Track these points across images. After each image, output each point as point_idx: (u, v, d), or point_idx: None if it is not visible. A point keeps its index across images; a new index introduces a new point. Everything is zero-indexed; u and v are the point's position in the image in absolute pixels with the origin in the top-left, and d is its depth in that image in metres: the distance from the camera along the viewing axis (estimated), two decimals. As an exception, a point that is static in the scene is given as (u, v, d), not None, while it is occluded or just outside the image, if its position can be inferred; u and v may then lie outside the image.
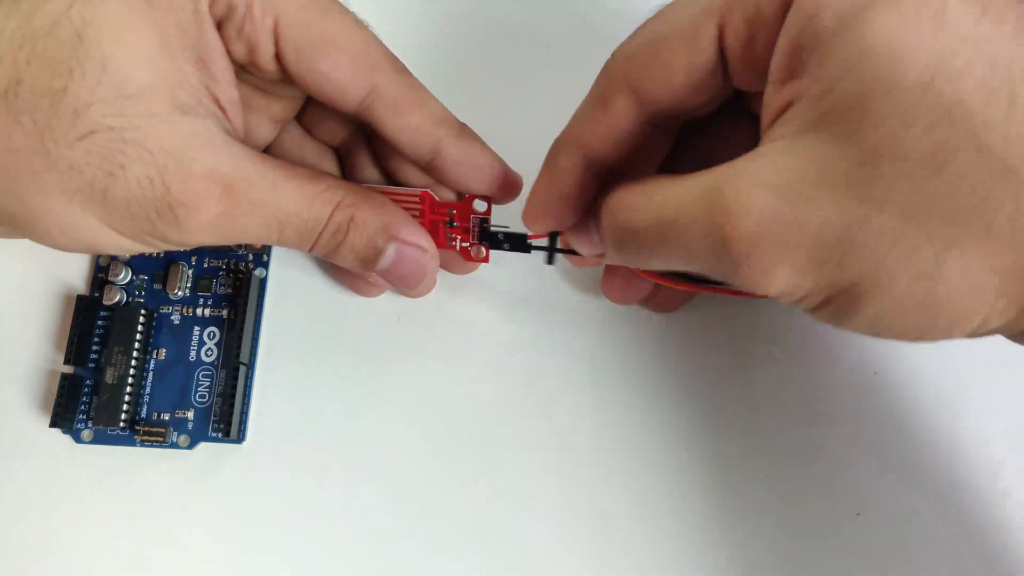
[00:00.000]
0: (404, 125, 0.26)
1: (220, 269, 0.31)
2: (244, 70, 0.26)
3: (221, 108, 0.25)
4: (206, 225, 0.24)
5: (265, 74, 0.26)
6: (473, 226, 0.28)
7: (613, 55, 0.23)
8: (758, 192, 0.19)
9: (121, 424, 0.29)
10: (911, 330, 0.20)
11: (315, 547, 0.28)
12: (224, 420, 0.29)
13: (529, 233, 0.28)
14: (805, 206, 0.18)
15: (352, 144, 0.30)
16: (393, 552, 0.28)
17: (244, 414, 0.30)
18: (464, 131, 0.27)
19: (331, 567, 0.28)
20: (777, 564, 0.28)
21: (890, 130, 0.18)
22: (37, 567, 0.28)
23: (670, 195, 0.21)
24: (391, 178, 0.29)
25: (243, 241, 0.25)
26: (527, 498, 0.29)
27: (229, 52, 0.25)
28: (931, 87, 0.17)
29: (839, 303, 0.20)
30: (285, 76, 0.26)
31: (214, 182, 0.23)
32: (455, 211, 0.28)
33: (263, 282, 0.31)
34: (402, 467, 0.29)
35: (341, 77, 0.25)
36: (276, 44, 0.25)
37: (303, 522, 0.29)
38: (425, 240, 0.27)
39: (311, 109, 0.30)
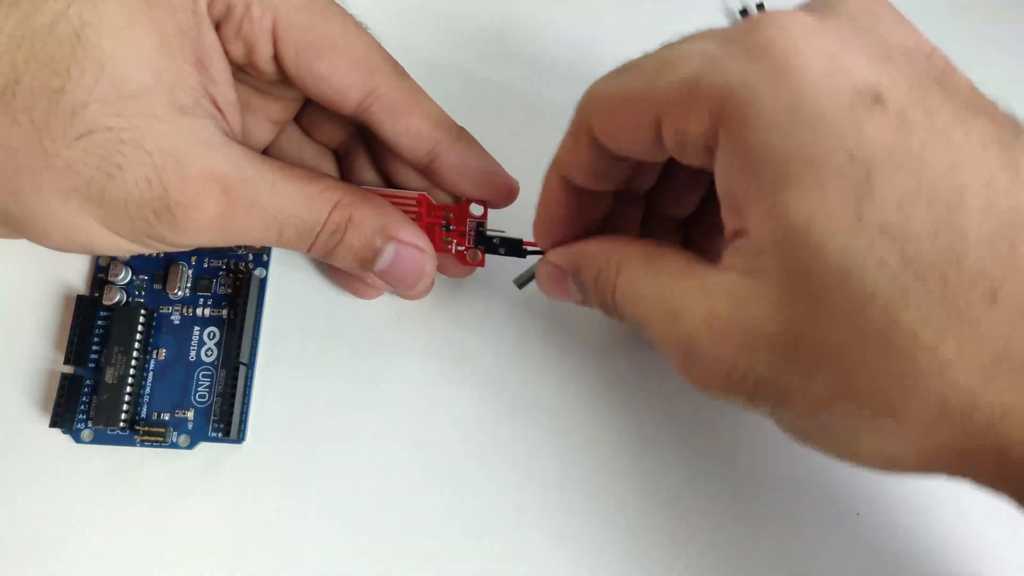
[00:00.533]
0: (402, 128, 0.26)
1: (220, 269, 0.31)
2: (242, 71, 0.26)
3: (219, 109, 0.24)
4: (204, 226, 0.24)
5: (263, 75, 0.26)
6: (469, 230, 0.28)
7: (584, 96, 0.23)
8: (713, 338, 0.20)
9: (121, 424, 0.29)
10: (836, 458, 0.21)
11: (315, 546, 0.28)
12: (224, 420, 0.29)
13: (524, 239, 0.28)
14: (744, 357, 0.19)
15: (351, 146, 0.30)
16: (393, 551, 0.28)
17: (244, 414, 0.30)
18: (462, 135, 0.27)
19: (331, 566, 0.28)
20: (777, 564, 0.28)
21: (812, 310, 0.18)
22: (37, 567, 0.28)
23: (645, 294, 0.22)
24: (389, 180, 0.29)
25: (241, 242, 0.25)
26: (526, 498, 0.29)
27: (227, 53, 0.25)
28: (843, 280, 0.17)
29: (775, 421, 0.21)
30: (283, 77, 0.26)
31: (212, 183, 0.23)
32: (452, 214, 0.28)
33: (263, 282, 0.31)
34: (401, 467, 0.29)
35: (339, 79, 0.25)
36: (274, 45, 0.25)
37: (303, 522, 0.29)
38: (423, 241, 0.27)
39: (310, 111, 0.30)
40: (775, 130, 0.17)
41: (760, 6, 0.36)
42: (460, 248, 0.29)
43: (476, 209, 0.28)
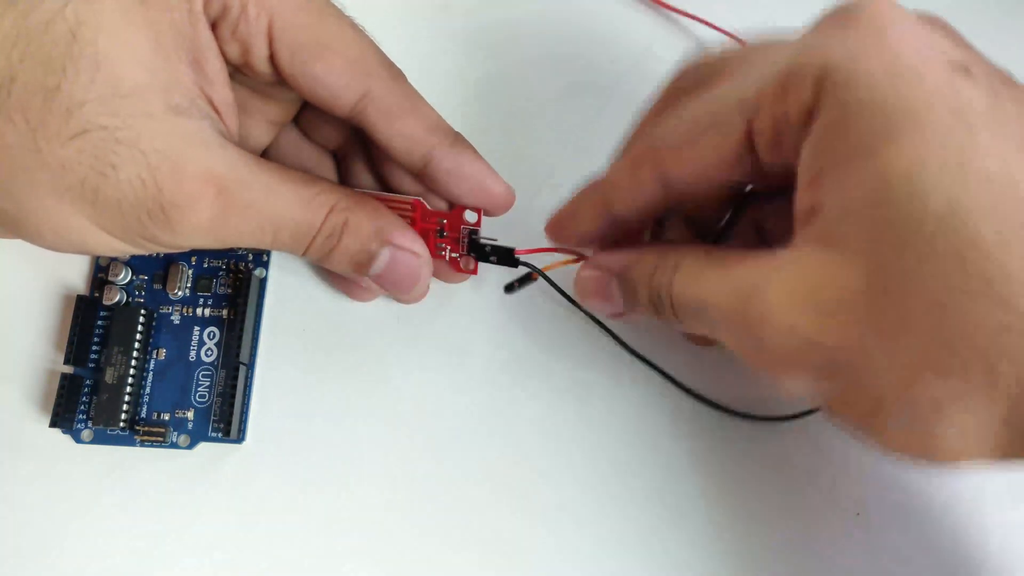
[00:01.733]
0: (397, 131, 0.26)
1: (220, 269, 0.31)
2: (239, 71, 0.26)
3: (215, 109, 0.24)
4: (198, 227, 0.24)
5: (259, 76, 0.26)
6: (462, 237, 0.28)
7: (655, 135, 0.24)
8: (787, 308, 0.20)
9: (121, 424, 0.29)
10: (904, 454, 0.20)
11: (315, 547, 0.29)
12: (224, 420, 0.29)
13: (516, 248, 0.28)
14: (824, 326, 0.19)
15: (349, 149, 0.30)
16: (392, 551, 0.28)
17: (244, 414, 0.30)
18: (458, 140, 0.27)
19: (331, 566, 0.28)
20: (777, 564, 0.28)
21: (906, 265, 0.18)
22: (37, 567, 0.28)
23: (709, 282, 0.22)
24: (385, 184, 0.29)
25: (236, 244, 0.25)
26: (524, 500, 0.29)
27: (223, 53, 0.25)
28: (947, 226, 0.17)
29: (842, 413, 0.21)
30: (279, 78, 0.25)
31: (207, 184, 0.23)
32: (446, 220, 0.28)
33: (263, 282, 0.31)
34: (401, 467, 0.29)
35: (334, 81, 0.25)
36: (270, 46, 0.24)
37: (303, 522, 0.29)
38: (419, 246, 0.27)
39: (308, 113, 0.29)
40: (877, 87, 0.18)
41: None
42: (453, 255, 0.29)
43: (470, 216, 0.28)
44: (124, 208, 0.23)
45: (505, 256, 0.28)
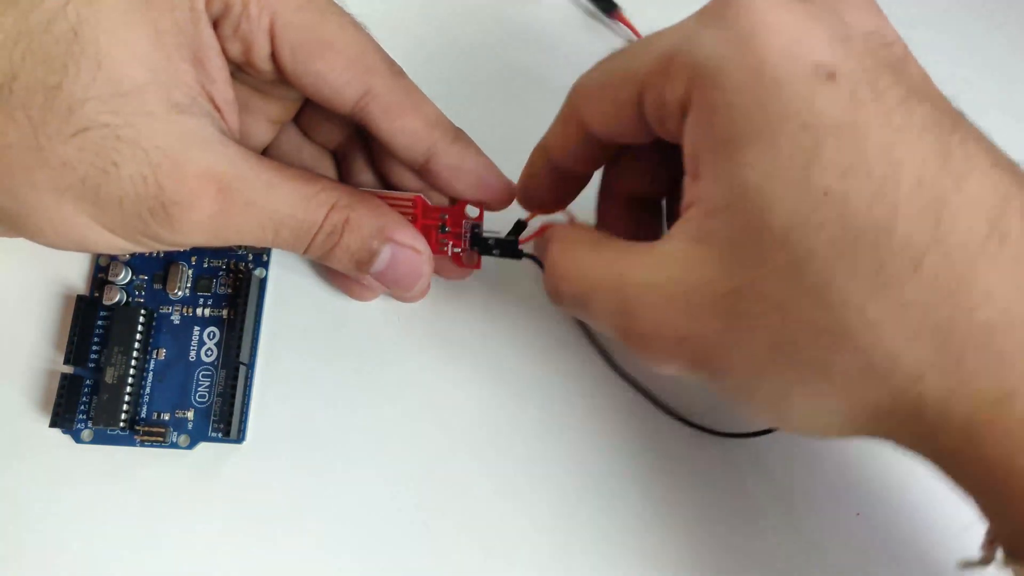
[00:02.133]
0: (398, 128, 0.26)
1: (220, 269, 0.31)
2: (240, 70, 0.26)
3: (216, 107, 0.24)
4: (199, 224, 0.24)
5: (261, 74, 0.26)
6: (465, 231, 0.28)
7: (574, 85, 0.24)
8: (657, 300, 0.21)
9: (121, 424, 0.29)
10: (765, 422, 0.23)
11: (315, 546, 0.29)
12: (224, 420, 0.29)
13: (519, 240, 0.28)
14: (691, 321, 0.20)
15: (349, 147, 0.30)
16: (393, 551, 0.28)
17: (244, 414, 0.30)
18: (459, 136, 0.27)
19: (331, 566, 0.28)
20: (777, 564, 0.28)
21: (755, 270, 0.19)
22: (37, 567, 0.28)
23: (586, 272, 0.23)
24: (386, 181, 0.29)
25: (237, 242, 0.25)
26: (525, 498, 0.29)
27: (225, 51, 0.25)
28: (787, 239, 0.18)
29: (716, 391, 0.22)
30: (281, 76, 0.26)
31: (208, 181, 0.23)
32: (447, 216, 0.28)
33: (263, 282, 0.31)
34: (401, 466, 0.29)
35: (336, 78, 0.25)
36: (272, 44, 0.24)
37: (303, 522, 0.29)
38: (420, 243, 0.27)
39: (308, 112, 0.29)
40: (737, 94, 0.19)
41: None
42: (456, 250, 0.29)
43: (472, 211, 0.28)
44: (125, 205, 0.23)
45: (508, 248, 0.28)
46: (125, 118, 0.22)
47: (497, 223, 0.28)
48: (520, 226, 0.28)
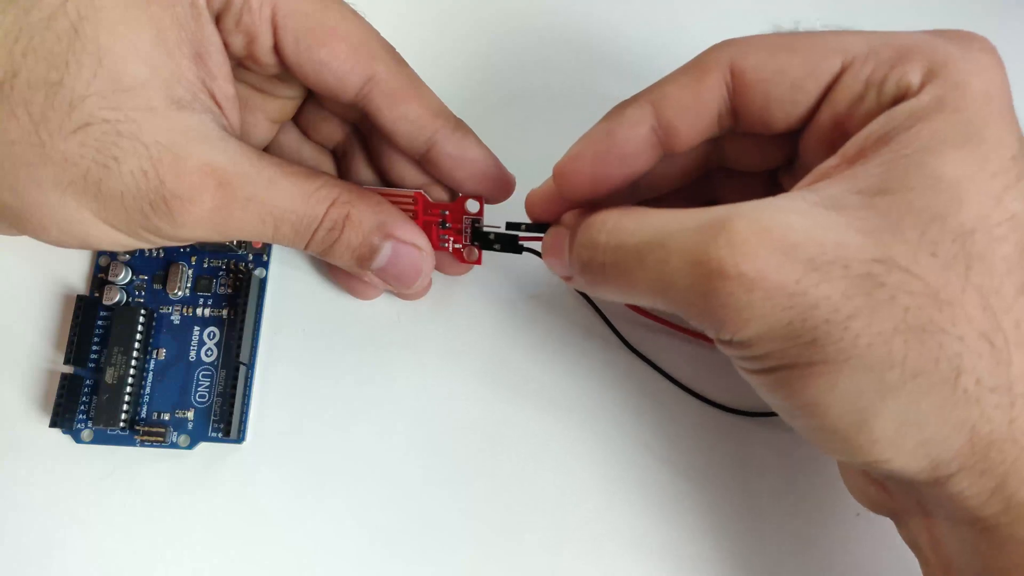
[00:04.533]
0: (402, 115, 0.26)
1: (220, 269, 0.31)
2: (242, 65, 0.26)
3: (217, 104, 0.25)
4: (200, 219, 0.24)
5: (263, 67, 0.26)
6: (465, 227, 0.28)
7: (730, 41, 0.23)
8: (769, 241, 0.19)
9: (121, 424, 0.29)
10: (823, 432, 0.20)
11: (315, 546, 0.28)
12: (224, 420, 0.29)
13: (520, 234, 0.28)
14: (812, 277, 0.19)
15: (348, 146, 0.30)
16: (392, 551, 0.28)
17: (244, 414, 0.30)
18: (460, 125, 0.27)
19: (331, 566, 0.28)
20: (777, 564, 0.28)
21: (916, 251, 0.19)
22: (37, 566, 0.28)
23: (667, 220, 0.21)
24: (385, 179, 0.29)
25: (237, 237, 0.25)
26: (526, 498, 0.29)
27: (227, 45, 0.25)
28: (970, 235, 0.19)
29: (783, 376, 0.20)
30: (283, 69, 0.26)
31: (208, 176, 0.23)
32: (448, 212, 0.28)
33: (263, 282, 0.31)
34: (401, 466, 0.29)
35: (340, 66, 0.25)
36: (274, 34, 0.25)
37: (303, 522, 0.29)
38: (421, 239, 0.27)
39: (308, 110, 0.30)
40: (972, 101, 0.20)
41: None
42: (457, 246, 0.29)
43: (472, 206, 0.28)
44: (126, 200, 0.23)
45: (509, 243, 0.28)
46: (126, 113, 0.22)
47: (497, 220, 0.28)
48: (513, 226, 0.28)
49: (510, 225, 0.28)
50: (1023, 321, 0.19)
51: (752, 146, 0.26)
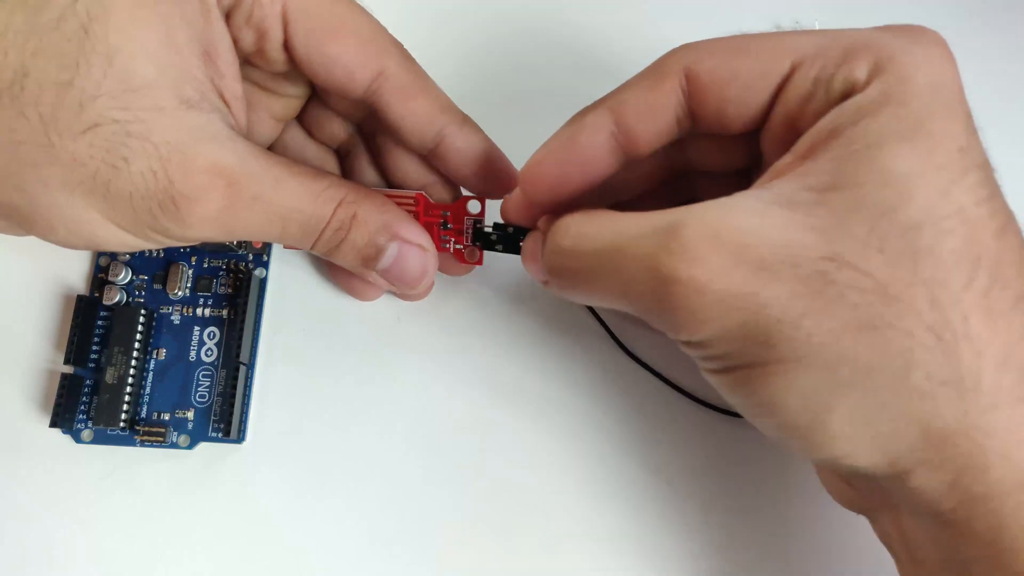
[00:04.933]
0: (411, 110, 0.26)
1: (220, 269, 0.31)
2: (249, 63, 0.26)
3: (225, 102, 0.25)
4: (208, 219, 0.24)
5: (271, 64, 0.26)
6: (467, 228, 0.28)
7: (686, 46, 0.23)
8: (719, 245, 0.19)
9: (121, 424, 0.29)
10: (782, 430, 0.21)
11: (315, 547, 0.28)
12: (224, 420, 0.29)
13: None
14: (761, 278, 0.19)
15: (352, 146, 0.30)
16: (392, 552, 0.28)
17: (244, 414, 0.30)
18: (467, 121, 0.27)
19: (331, 566, 0.28)
20: (777, 563, 0.28)
21: (865, 246, 0.19)
22: (37, 567, 0.28)
23: (625, 225, 0.22)
24: (389, 178, 0.29)
25: (245, 237, 0.25)
26: (525, 498, 0.29)
27: (237, 42, 0.25)
28: (917, 230, 0.19)
29: (741, 376, 0.21)
30: (291, 66, 0.26)
31: (217, 176, 0.23)
32: (449, 213, 0.28)
33: (263, 282, 0.31)
34: (401, 467, 0.29)
35: (350, 60, 0.25)
36: (285, 30, 0.25)
37: (303, 522, 0.29)
38: (425, 240, 0.27)
39: (312, 110, 0.30)
40: (919, 98, 0.20)
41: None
42: (458, 247, 0.29)
43: (474, 207, 0.28)
44: (135, 200, 0.23)
45: (511, 243, 0.28)
46: (135, 114, 0.22)
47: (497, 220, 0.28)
48: (500, 227, 0.28)
49: (497, 226, 0.28)
50: (971, 315, 0.19)
51: (714, 148, 0.26)
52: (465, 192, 0.29)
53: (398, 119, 0.26)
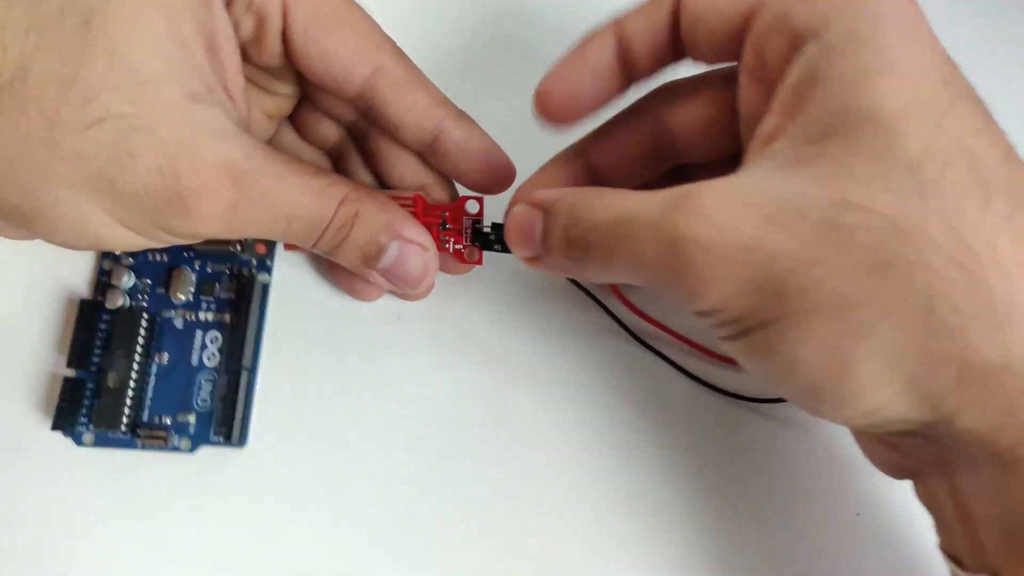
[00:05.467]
0: (408, 105, 0.26)
1: (223, 273, 0.31)
2: (245, 55, 0.26)
3: (229, 96, 0.24)
4: (215, 216, 0.23)
5: (266, 56, 0.26)
6: (466, 228, 0.29)
7: None
8: (725, 204, 0.20)
9: (123, 427, 0.29)
10: (809, 390, 0.20)
11: (316, 552, 0.28)
12: (226, 424, 0.29)
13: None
14: (768, 230, 0.19)
15: (344, 148, 0.30)
16: (394, 556, 0.28)
17: (246, 418, 0.30)
18: (463, 115, 0.27)
19: (332, 572, 0.28)
20: (777, 564, 0.28)
21: (871, 186, 0.18)
22: (37, 570, 0.28)
23: (636, 197, 0.22)
24: (383, 181, 0.29)
25: (249, 235, 0.25)
26: (532, 498, 0.29)
27: (236, 29, 0.25)
28: (919, 166, 0.18)
29: (758, 337, 0.20)
30: (286, 60, 0.26)
31: (225, 171, 0.23)
32: (448, 213, 0.28)
33: (266, 287, 0.31)
34: (404, 472, 0.29)
35: (348, 55, 0.25)
36: (284, 19, 0.25)
37: (304, 526, 0.29)
38: (427, 239, 0.27)
39: (302, 111, 0.30)
40: (889, 32, 0.19)
41: None
42: (457, 247, 0.29)
43: (472, 206, 0.28)
44: (141, 197, 0.23)
45: None
46: (141, 108, 0.22)
47: (497, 218, 0.28)
48: (497, 226, 0.28)
49: (496, 226, 0.28)
50: (996, 240, 0.18)
51: (699, 130, 0.26)
52: (464, 192, 0.29)
53: (396, 115, 0.26)
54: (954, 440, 0.19)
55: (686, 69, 0.26)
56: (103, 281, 0.31)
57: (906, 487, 0.28)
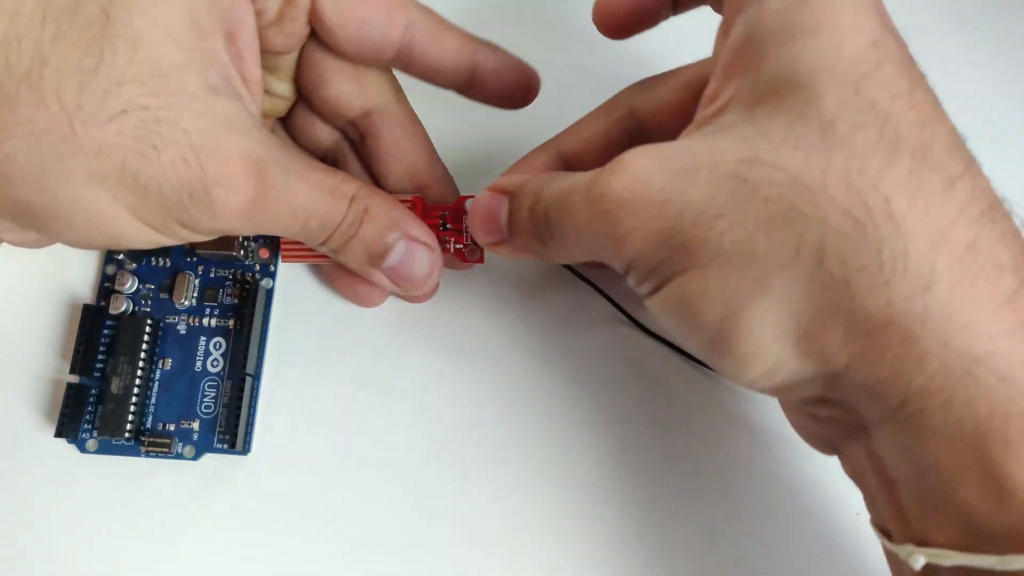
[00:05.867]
0: (446, 48, 0.27)
1: (227, 279, 0.31)
2: (262, 41, 0.26)
3: (246, 88, 0.24)
4: (239, 209, 0.23)
5: (287, 36, 0.26)
6: (466, 227, 0.29)
7: None
8: (645, 162, 0.20)
9: (126, 434, 0.29)
10: (711, 346, 0.20)
11: (321, 558, 0.28)
12: (230, 431, 0.29)
13: None
14: (677, 184, 0.20)
15: (339, 152, 0.30)
16: (399, 563, 0.28)
17: (250, 425, 0.30)
18: (486, 41, 0.28)
19: (338, 578, 0.28)
20: (777, 564, 0.29)
21: (781, 144, 0.19)
22: (41, 577, 0.28)
23: (580, 174, 0.22)
24: (379, 184, 0.29)
25: (267, 231, 0.25)
26: (536, 500, 0.29)
27: (261, 14, 0.25)
28: (830, 126, 0.18)
29: (666, 292, 0.21)
30: (319, 33, 0.26)
31: (250, 164, 0.23)
32: (448, 213, 0.29)
33: (270, 292, 0.31)
34: (408, 478, 0.29)
35: (382, 18, 0.26)
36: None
37: (308, 534, 0.29)
38: (431, 238, 0.28)
39: (296, 115, 0.29)
40: None
41: None
42: (458, 246, 0.29)
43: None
44: (164, 191, 0.22)
45: None
46: (164, 99, 0.21)
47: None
48: None
49: None
50: (893, 196, 0.18)
51: (669, 117, 0.26)
52: (463, 191, 0.29)
53: (437, 62, 0.27)
54: (855, 401, 0.19)
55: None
56: (106, 286, 0.31)
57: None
